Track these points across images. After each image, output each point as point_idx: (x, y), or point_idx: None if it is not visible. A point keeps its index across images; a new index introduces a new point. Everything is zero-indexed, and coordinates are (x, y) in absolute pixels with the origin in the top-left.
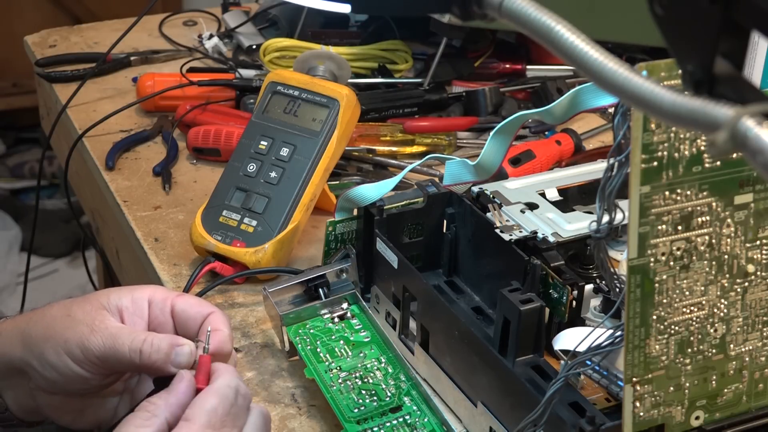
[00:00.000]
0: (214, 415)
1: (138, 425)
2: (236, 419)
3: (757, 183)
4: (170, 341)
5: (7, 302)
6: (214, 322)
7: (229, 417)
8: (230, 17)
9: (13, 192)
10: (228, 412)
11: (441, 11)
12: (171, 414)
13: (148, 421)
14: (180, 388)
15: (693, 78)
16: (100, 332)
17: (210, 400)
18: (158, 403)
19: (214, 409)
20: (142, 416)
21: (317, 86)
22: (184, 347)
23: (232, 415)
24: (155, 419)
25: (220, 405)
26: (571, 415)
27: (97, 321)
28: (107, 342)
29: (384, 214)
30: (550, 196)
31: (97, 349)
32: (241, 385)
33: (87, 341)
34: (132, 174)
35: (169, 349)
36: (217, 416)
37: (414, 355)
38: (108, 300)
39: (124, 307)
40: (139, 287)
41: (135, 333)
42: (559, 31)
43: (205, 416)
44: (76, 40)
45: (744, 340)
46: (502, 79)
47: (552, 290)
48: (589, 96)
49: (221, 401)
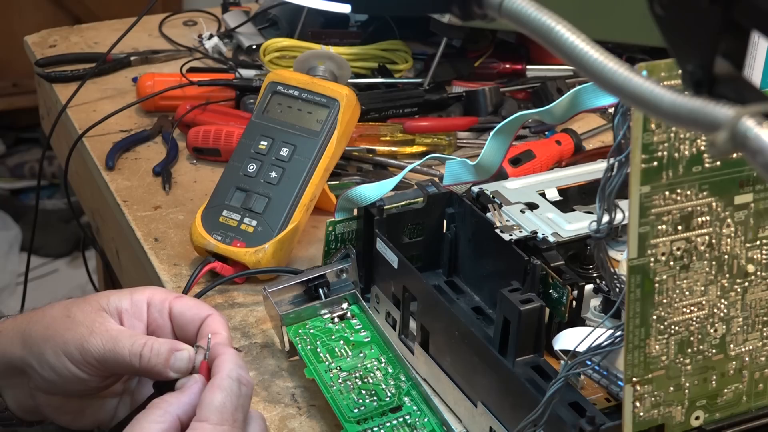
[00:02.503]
0: (224, 411)
1: (152, 421)
2: (243, 409)
3: (757, 183)
4: (170, 346)
5: (7, 302)
6: (212, 325)
7: (238, 410)
8: (230, 17)
9: (13, 192)
10: (236, 405)
11: (441, 11)
12: (183, 412)
13: (161, 417)
14: (194, 389)
15: (693, 78)
16: (99, 335)
17: (217, 396)
18: (171, 401)
19: (223, 404)
20: (155, 413)
21: (317, 86)
22: (183, 352)
23: (241, 407)
24: (168, 416)
25: (228, 400)
26: (571, 415)
27: (96, 323)
28: (107, 345)
29: (384, 214)
30: (550, 196)
31: (96, 351)
32: (243, 373)
33: (86, 343)
34: (132, 174)
35: (168, 354)
36: (228, 412)
37: (414, 355)
38: (108, 302)
39: (124, 309)
40: (138, 289)
41: (135, 336)
42: (559, 31)
43: (216, 414)
44: (76, 40)
45: (744, 340)
46: (502, 79)
47: (552, 290)
48: (589, 96)
49: (228, 396)
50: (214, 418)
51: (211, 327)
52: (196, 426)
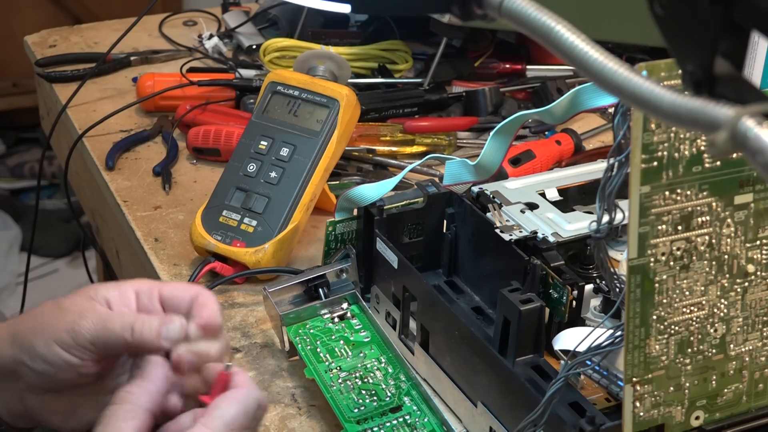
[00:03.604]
0: (233, 427)
1: (122, 419)
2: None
3: (757, 183)
4: (161, 318)
5: (7, 302)
6: (202, 298)
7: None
8: (230, 17)
9: (13, 192)
10: (246, 426)
11: (441, 11)
12: (153, 403)
13: (132, 413)
14: (156, 374)
15: (693, 78)
16: (90, 317)
17: (231, 408)
18: (136, 392)
19: (235, 419)
20: (124, 409)
21: (317, 86)
22: (175, 322)
23: (250, 429)
24: (139, 410)
25: (242, 416)
26: (571, 415)
27: (87, 309)
28: (98, 324)
29: (384, 214)
30: (550, 196)
31: (87, 332)
32: (263, 398)
33: (77, 325)
34: (132, 174)
35: (159, 325)
36: (236, 428)
37: (414, 355)
38: (96, 292)
39: (111, 297)
40: (125, 281)
41: (126, 314)
42: (559, 31)
43: (224, 427)
44: (76, 40)
45: (744, 340)
46: (502, 79)
47: (552, 290)
48: (589, 96)
49: (243, 413)
50: (220, 429)
51: (200, 300)
52: (197, 429)
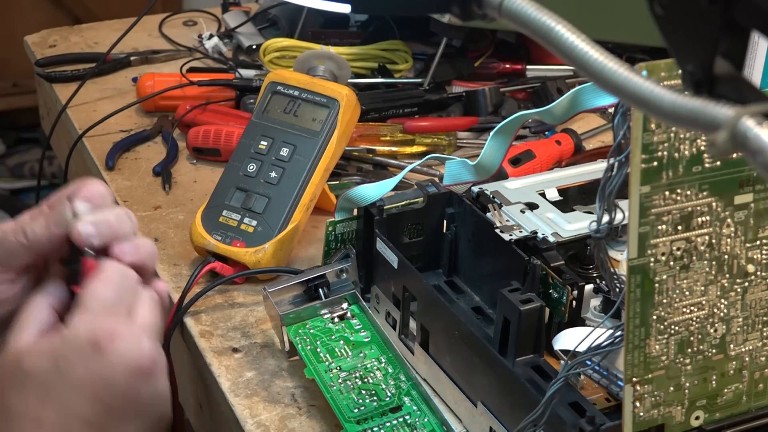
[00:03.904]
0: (104, 299)
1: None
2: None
3: (757, 183)
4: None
5: None
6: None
7: (122, 300)
8: (230, 17)
9: (13, 192)
10: (120, 297)
11: (441, 11)
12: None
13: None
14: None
15: (693, 78)
16: None
17: (99, 285)
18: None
19: (104, 291)
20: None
21: (317, 86)
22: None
23: (124, 298)
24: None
25: (111, 288)
26: (571, 415)
27: None
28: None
29: (384, 214)
30: (550, 196)
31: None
32: (129, 270)
33: None
34: (132, 174)
35: (46, 217)
36: (108, 299)
37: (414, 355)
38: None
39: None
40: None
41: (15, 222)
42: (559, 31)
43: (96, 302)
44: (76, 40)
45: (744, 340)
46: (502, 79)
47: (552, 290)
48: (589, 96)
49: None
50: (94, 306)
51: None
52: (74, 312)
